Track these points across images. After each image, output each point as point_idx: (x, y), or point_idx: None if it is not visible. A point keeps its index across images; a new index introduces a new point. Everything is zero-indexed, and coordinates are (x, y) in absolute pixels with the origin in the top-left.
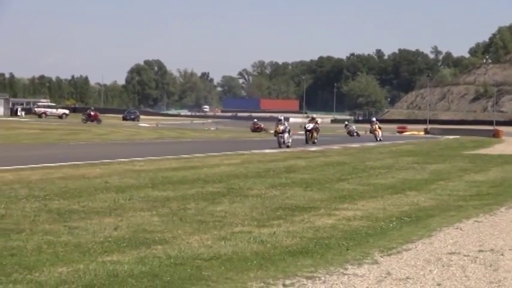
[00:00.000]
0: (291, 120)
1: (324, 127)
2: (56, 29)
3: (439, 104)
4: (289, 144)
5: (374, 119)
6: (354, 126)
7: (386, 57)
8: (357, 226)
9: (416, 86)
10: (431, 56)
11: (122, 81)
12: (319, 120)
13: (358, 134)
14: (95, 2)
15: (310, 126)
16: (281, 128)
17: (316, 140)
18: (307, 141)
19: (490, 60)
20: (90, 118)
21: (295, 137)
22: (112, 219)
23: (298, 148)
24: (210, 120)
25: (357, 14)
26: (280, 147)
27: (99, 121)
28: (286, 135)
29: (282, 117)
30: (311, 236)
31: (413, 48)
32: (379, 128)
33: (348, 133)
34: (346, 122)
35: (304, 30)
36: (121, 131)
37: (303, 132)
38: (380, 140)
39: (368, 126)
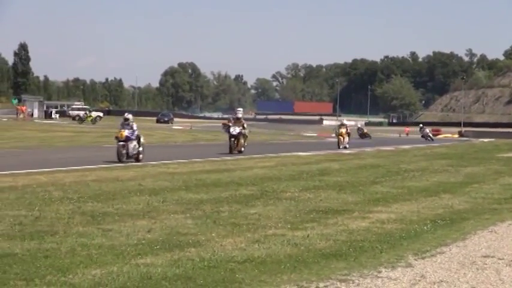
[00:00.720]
0: (325, 122)
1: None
2: (90, 32)
3: (473, 106)
4: (140, 157)
5: (345, 121)
6: (427, 130)
7: (420, 59)
8: (390, 229)
9: (450, 88)
10: (466, 58)
11: (155, 84)
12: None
13: (431, 138)
14: (129, 5)
15: (236, 130)
16: (125, 133)
17: (243, 149)
18: (231, 150)
19: None
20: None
21: (328, 139)
22: (145, 221)
23: (332, 151)
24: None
25: (391, 16)
26: (120, 161)
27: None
28: (133, 144)
29: (130, 116)
30: (345, 238)
31: (447, 51)
32: (347, 133)
33: (422, 136)
34: (421, 125)
35: (338, 33)
36: (155, 133)
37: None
38: (345, 147)
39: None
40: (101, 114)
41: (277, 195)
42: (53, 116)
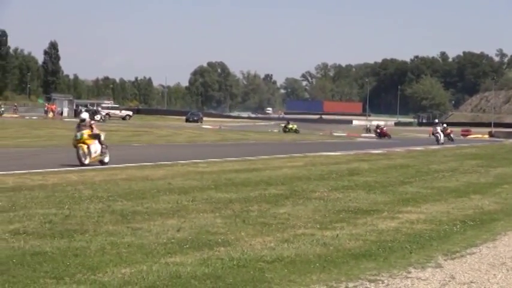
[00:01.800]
0: (355, 122)
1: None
2: (120, 31)
3: (504, 107)
4: None
5: (84, 115)
6: (439, 128)
7: (450, 59)
8: (420, 229)
9: (481, 88)
10: (497, 58)
11: (185, 83)
12: None
13: (438, 140)
14: (159, 5)
15: None
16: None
17: None
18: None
19: None
20: (381, 134)
21: (359, 139)
22: (175, 220)
23: (362, 151)
24: (272, 123)
25: (421, 16)
26: None
27: (389, 137)
28: None
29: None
30: (374, 239)
31: (478, 51)
32: (93, 136)
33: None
34: (436, 120)
35: (368, 33)
36: (184, 132)
37: (366, 134)
38: (103, 162)
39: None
40: (130, 113)
41: (307, 195)
42: None
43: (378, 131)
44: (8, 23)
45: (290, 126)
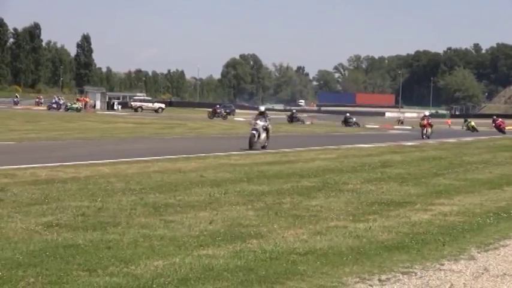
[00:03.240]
0: (387, 114)
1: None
2: (152, 24)
3: None
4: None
5: None
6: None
7: (484, 51)
8: (453, 221)
9: None
10: None
11: (217, 75)
12: None
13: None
14: None
15: None
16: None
17: None
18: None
19: None
20: (497, 127)
21: (391, 132)
22: (207, 213)
23: (394, 143)
24: (305, 115)
25: (454, 7)
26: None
27: (504, 133)
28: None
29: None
30: (407, 231)
31: (511, 42)
32: None
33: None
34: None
35: (401, 24)
36: (216, 125)
37: (399, 126)
38: None
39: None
40: (163, 105)
41: (339, 187)
42: (115, 107)
43: (493, 124)
44: (41, 16)
45: (467, 123)
